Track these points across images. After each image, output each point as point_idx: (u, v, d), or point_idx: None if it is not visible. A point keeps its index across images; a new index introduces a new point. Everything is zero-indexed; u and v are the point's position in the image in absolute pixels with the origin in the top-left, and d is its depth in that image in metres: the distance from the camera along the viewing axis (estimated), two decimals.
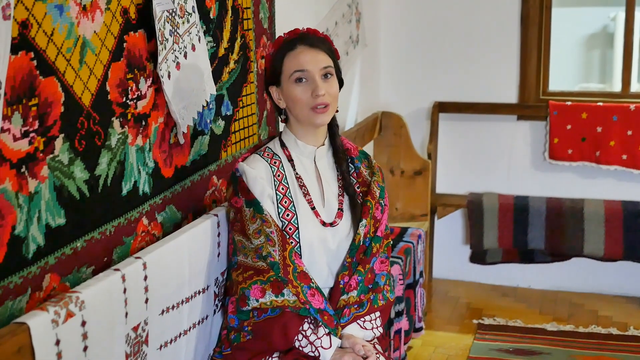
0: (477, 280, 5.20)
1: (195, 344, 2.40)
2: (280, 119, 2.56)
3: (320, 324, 2.34)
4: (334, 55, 2.48)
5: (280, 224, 2.41)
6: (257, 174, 2.40)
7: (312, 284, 2.36)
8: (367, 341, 2.44)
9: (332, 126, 2.55)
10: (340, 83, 2.52)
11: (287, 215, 2.42)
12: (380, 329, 2.49)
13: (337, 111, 2.52)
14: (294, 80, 2.41)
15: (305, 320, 2.34)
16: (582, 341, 4.28)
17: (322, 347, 2.31)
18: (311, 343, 2.32)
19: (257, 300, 2.33)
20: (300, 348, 2.33)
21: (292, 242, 2.40)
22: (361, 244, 2.48)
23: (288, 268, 2.33)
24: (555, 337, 4.32)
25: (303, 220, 2.43)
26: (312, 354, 2.32)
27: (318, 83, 2.40)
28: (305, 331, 2.33)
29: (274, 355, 2.35)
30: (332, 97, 2.43)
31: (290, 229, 2.41)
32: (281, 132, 2.56)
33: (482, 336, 4.34)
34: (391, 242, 2.63)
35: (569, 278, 5.05)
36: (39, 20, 1.81)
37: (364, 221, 2.49)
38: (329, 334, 2.33)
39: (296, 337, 2.32)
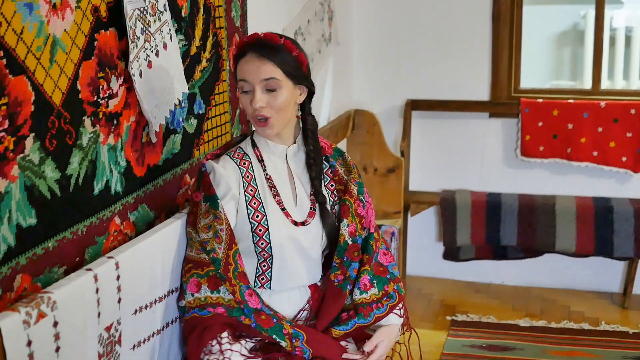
0: (450, 277, 5.23)
1: (168, 344, 2.39)
2: None
3: (240, 340, 2.32)
4: (287, 65, 2.38)
5: (249, 226, 2.41)
6: (225, 174, 2.40)
7: (250, 285, 2.36)
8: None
9: (305, 130, 2.52)
10: (311, 93, 2.49)
11: (257, 216, 2.42)
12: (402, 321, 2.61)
13: (298, 117, 2.51)
14: (239, 88, 2.42)
15: (227, 330, 2.31)
16: (555, 336, 4.31)
17: (229, 358, 2.27)
18: (221, 351, 2.27)
19: (193, 295, 2.33)
20: (209, 355, 2.27)
21: (262, 244, 2.41)
22: (349, 243, 2.49)
23: (229, 267, 2.33)
24: (528, 333, 4.36)
25: (272, 221, 2.43)
26: None
27: (256, 95, 2.36)
28: (222, 338, 2.29)
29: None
30: (275, 110, 2.38)
31: (260, 230, 2.41)
32: (253, 131, 2.55)
33: (456, 332, 4.37)
34: (382, 234, 2.66)
35: (541, 274, 5.09)
36: (8, 18, 1.80)
37: (344, 221, 2.49)
38: (241, 353, 2.29)
39: (210, 342, 2.28)
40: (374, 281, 2.51)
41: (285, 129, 2.48)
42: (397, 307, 2.57)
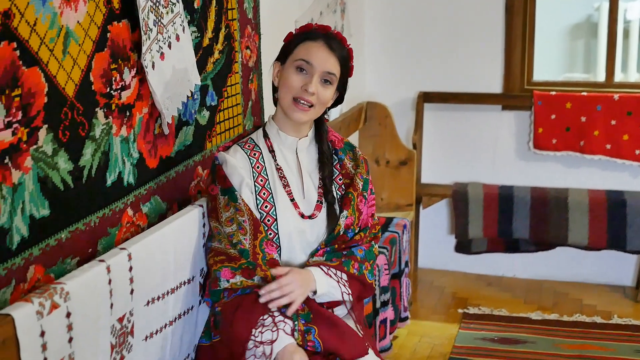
0: (462, 270, 5.22)
1: (180, 335, 2.40)
2: (273, 98, 2.56)
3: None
4: (346, 68, 2.50)
5: (258, 215, 2.42)
6: (236, 164, 2.42)
7: None
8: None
9: (321, 130, 2.56)
10: (340, 100, 2.55)
11: (266, 206, 2.43)
12: (348, 295, 2.44)
13: (327, 119, 2.57)
14: (296, 66, 2.43)
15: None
16: (567, 330, 4.30)
17: (284, 330, 2.28)
18: (275, 323, 2.28)
19: (228, 281, 2.34)
20: (261, 328, 2.27)
21: (270, 234, 2.42)
22: (341, 234, 2.50)
23: (257, 255, 2.35)
24: (539, 326, 4.35)
25: (281, 211, 2.44)
26: (270, 332, 2.26)
27: (313, 80, 2.41)
28: (273, 312, 2.30)
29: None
30: (320, 102, 2.44)
31: (268, 220, 2.42)
32: (266, 122, 2.57)
33: (467, 325, 4.36)
34: (379, 232, 2.62)
35: (553, 267, 5.08)
36: (21, 10, 1.80)
37: (345, 212, 2.50)
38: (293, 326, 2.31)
39: (261, 317, 2.28)
40: (327, 252, 2.47)
41: (308, 122, 2.51)
42: (328, 268, 2.43)
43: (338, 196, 2.54)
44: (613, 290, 4.93)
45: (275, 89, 2.54)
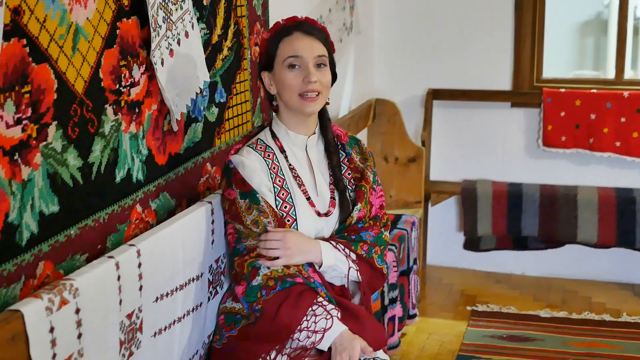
0: (470, 267, 5.22)
1: (189, 331, 2.40)
2: (272, 107, 2.55)
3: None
4: (329, 46, 2.49)
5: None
6: (253, 166, 2.41)
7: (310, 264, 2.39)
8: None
9: (324, 119, 2.55)
10: (334, 77, 2.52)
11: (285, 207, 2.43)
12: (357, 271, 2.45)
13: (327, 103, 2.54)
14: (287, 65, 2.42)
15: (320, 294, 2.33)
16: (576, 327, 4.29)
17: (337, 317, 2.29)
18: (328, 311, 2.27)
19: (269, 268, 2.32)
20: (313, 318, 2.27)
21: None
22: (352, 224, 2.50)
23: None
24: (548, 324, 4.34)
25: (300, 212, 2.44)
26: (324, 320, 2.27)
27: (311, 70, 2.40)
28: (321, 301, 2.30)
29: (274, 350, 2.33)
30: (324, 86, 2.44)
31: (288, 220, 2.42)
32: (271, 121, 2.55)
33: (476, 323, 4.36)
34: (388, 221, 2.62)
35: (562, 265, 5.06)
36: (31, 6, 1.80)
37: (358, 205, 2.50)
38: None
39: (311, 308, 2.28)
40: (338, 237, 2.48)
41: (314, 115, 2.50)
42: (337, 242, 2.44)
43: (349, 190, 2.54)
44: (622, 288, 4.92)
45: (271, 97, 2.52)
